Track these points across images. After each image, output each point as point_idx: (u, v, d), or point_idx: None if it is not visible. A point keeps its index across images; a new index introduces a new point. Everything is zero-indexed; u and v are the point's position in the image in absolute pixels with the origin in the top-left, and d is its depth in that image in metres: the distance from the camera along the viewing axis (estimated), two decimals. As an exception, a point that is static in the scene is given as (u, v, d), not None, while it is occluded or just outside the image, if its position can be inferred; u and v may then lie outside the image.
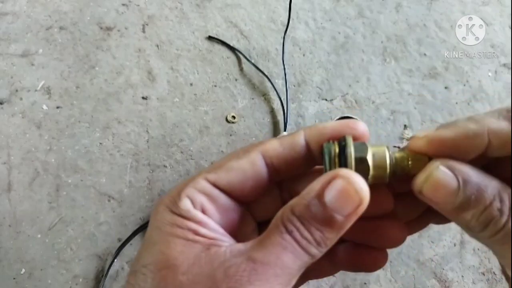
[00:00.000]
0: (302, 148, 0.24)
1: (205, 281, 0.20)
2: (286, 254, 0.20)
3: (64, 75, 0.56)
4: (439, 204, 0.20)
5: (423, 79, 0.58)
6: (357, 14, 0.63)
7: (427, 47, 0.61)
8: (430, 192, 0.20)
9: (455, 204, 0.20)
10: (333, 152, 0.22)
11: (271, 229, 0.21)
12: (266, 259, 0.20)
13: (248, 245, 0.21)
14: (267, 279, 0.19)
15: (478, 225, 0.20)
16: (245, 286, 0.19)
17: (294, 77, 0.57)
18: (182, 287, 0.19)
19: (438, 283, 0.46)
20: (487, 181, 0.20)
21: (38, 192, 0.49)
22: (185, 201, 0.22)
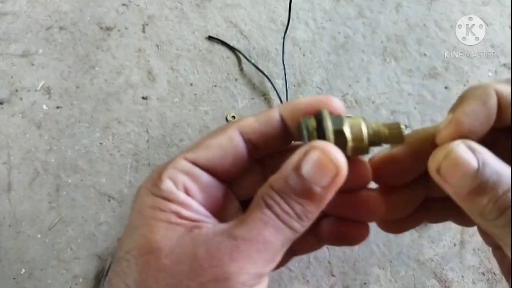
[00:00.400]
0: (278, 123, 0.24)
1: (188, 262, 0.19)
2: (268, 229, 0.20)
3: (64, 75, 0.56)
4: (456, 184, 0.19)
5: (423, 79, 0.58)
6: (357, 14, 0.63)
7: (427, 47, 0.61)
8: (448, 171, 0.19)
9: (472, 187, 0.19)
10: (311, 127, 0.22)
11: (252, 206, 0.21)
12: (247, 235, 0.20)
13: (230, 224, 0.21)
14: (249, 256, 0.19)
15: (494, 210, 0.19)
16: (228, 263, 0.19)
17: (294, 77, 0.57)
18: (166, 270, 0.19)
19: (438, 283, 0.46)
20: (505, 167, 0.19)
21: (38, 192, 0.49)
22: (167, 182, 0.22)
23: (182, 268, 0.19)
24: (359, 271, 0.46)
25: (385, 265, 0.47)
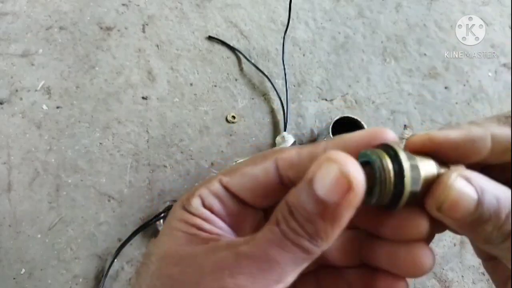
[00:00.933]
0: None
1: (194, 273, 0.20)
2: (273, 248, 0.19)
3: (64, 75, 0.56)
4: (459, 219, 0.19)
5: (423, 79, 0.58)
6: (357, 14, 0.63)
7: (427, 47, 0.61)
8: (450, 209, 0.19)
9: (475, 217, 0.19)
10: (385, 165, 0.19)
11: (267, 223, 0.20)
12: (251, 252, 0.19)
13: (242, 239, 0.20)
14: (250, 273, 0.19)
15: (500, 236, 0.19)
16: (226, 279, 0.19)
17: (294, 77, 0.57)
18: (173, 277, 0.20)
19: (438, 283, 0.46)
20: (503, 189, 0.19)
21: (38, 192, 0.49)
22: (196, 200, 0.22)
23: (188, 277, 0.20)
24: (359, 271, 0.46)
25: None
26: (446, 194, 0.19)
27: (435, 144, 0.20)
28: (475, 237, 0.19)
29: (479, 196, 0.18)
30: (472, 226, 0.19)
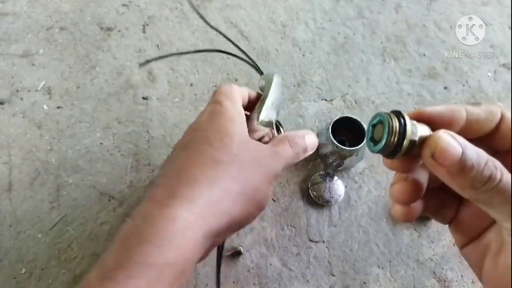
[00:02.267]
0: None
1: (251, 155, 0.34)
2: (288, 152, 0.37)
3: (65, 75, 0.56)
4: (448, 165, 0.24)
5: (422, 79, 0.58)
6: (356, 15, 0.63)
7: (426, 47, 0.61)
8: (441, 155, 0.24)
9: (461, 165, 0.23)
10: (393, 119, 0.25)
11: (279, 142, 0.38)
12: (281, 150, 0.36)
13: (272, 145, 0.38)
14: (283, 161, 0.36)
15: (481, 179, 0.23)
16: (277, 163, 0.35)
17: (294, 77, 0.58)
18: (227, 116, 0.34)
19: (437, 283, 0.46)
20: (478, 148, 0.24)
21: (39, 192, 0.49)
22: (244, 90, 0.39)
23: (248, 148, 0.34)
24: (358, 271, 0.47)
25: (385, 265, 0.47)
26: (437, 142, 0.24)
27: (426, 115, 0.26)
28: (462, 183, 0.24)
29: (462, 148, 0.23)
30: (460, 174, 0.23)
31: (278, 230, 0.48)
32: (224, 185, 0.30)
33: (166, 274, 0.26)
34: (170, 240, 0.27)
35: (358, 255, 0.47)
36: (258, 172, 0.33)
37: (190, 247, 0.28)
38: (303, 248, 0.47)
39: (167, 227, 0.27)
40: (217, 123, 0.34)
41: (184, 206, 0.28)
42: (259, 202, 0.31)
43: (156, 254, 0.26)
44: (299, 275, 0.46)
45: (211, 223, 0.29)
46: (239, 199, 0.30)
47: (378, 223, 0.49)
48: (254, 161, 0.33)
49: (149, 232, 0.27)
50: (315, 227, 0.48)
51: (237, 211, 0.30)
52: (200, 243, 0.29)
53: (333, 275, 0.46)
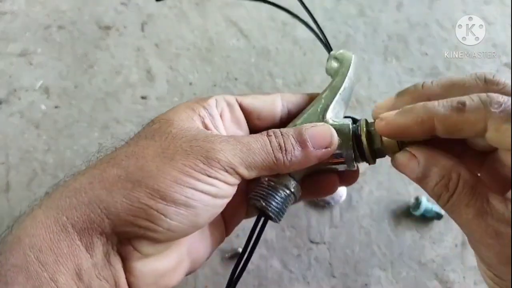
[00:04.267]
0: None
1: (188, 135, 0.26)
2: (256, 143, 0.26)
3: (63, 74, 0.56)
4: (408, 177, 0.26)
5: (424, 78, 0.58)
6: (358, 13, 0.62)
7: (428, 46, 0.60)
8: (401, 169, 0.27)
9: (418, 178, 0.26)
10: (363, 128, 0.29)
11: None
12: (239, 138, 0.26)
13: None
14: (233, 148, 0.26)
15: (434, 195, 0.25)
16: (216, 144, 0.25)
17: (295, 76, 0.57)
18: (170, 133, 0.26)
19: (439, 284, 0.46)
20: (439, 162, 0.25)
21: (36, 192, 0.48)
22: (212, 100, 0.29)
23: (183, 135, 0.26)
24: (360, 272, 0.46)
25: (386, 266, 0.46)
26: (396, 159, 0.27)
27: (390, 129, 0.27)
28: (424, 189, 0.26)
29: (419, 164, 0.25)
30: (419, 182, 0.26)
31: (278, 231, 0.47)
32: (97, 171, 0.25)
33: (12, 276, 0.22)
34: (17, 242, 0.23)
35: (359, 256, 0.47)
36: (166, 155, 0.25)
37: (40, 239, 0.23)
38: (304, 250, 0.47)
39: (17, 230, 0.24)
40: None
41: (41, 203, 0.25)
42: (153, 189, 0.23)
43: (4, 261, 0.23)
44: (300, 277, 0.46)
45: (68, 214, 0.24)
46: (118, 185, 0.24)
47: (379, 224, 0.48)
48: (168, 142, 0.26)
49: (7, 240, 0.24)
50: (316, 228, 0.48)
51: (112, 199, 0.24)
52: (59, 234, 0.23)
53: (334, 277, 0.46)
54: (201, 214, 0.25)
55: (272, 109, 0.31)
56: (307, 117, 0.30)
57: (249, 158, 0.26)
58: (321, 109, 0.30)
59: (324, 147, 0.27)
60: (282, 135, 0.27)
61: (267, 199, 0.28)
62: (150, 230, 0.24)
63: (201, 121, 0.28)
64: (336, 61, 0.33)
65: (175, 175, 0.24)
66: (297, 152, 0.27)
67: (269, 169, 0.27)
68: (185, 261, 0.29)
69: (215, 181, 0.25)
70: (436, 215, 0.47)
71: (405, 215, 0.49)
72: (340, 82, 0.31)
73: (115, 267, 0.24)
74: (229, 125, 0.30)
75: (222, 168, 0.25)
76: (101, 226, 0.23)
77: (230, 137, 0.27)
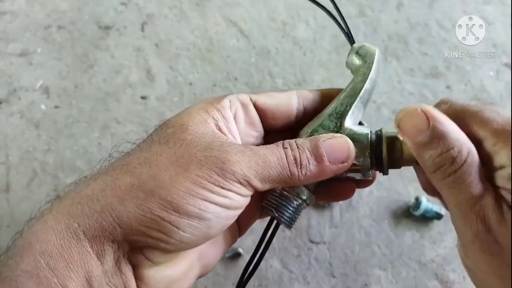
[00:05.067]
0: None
1: (203, 143, 0.25)
2: (272, 156, 0.26)
3: (63, 74, 0.56)
4: (408, 137, 0.25)
5: (424, 78, 0.58)
6: (358, 13, 0.62)
7: (428, 46, 0.60)
8: (404, 125, 0.25)
9: (420, 142, 0.24)
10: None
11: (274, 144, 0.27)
12: (256, 149, 0.26)
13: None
14: (249, 160, 0.25)
15: (432, 165, 0.24)
16: (231, 155, 0.25)
17: (295, 76, 0.57)
18: (184, 139, 0.26)
19: (439, 284, 0.46)
20: (457, 134, 0.24)
21: (36, 193, 0.48)
22: (226, 101, 0.28)
23: (197, 143, 0.25)
24: (360, 273, 0.46)
25: (386, 266, 0.46)
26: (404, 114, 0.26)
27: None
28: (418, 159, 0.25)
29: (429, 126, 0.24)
30: (416, 149, 0.25)
31: (278, 231, 0.47)
32: (109, 178, 0.25)
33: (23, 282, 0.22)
34: (28, 247, 0.23)
35: (359, 256, 0.47)
36: (180, 164, 0.24)
37: (51, 245, 0.23)
38: (304, 250, 0.47)
39: (28, 234, 0.24)
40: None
41: (51, 207, 0.25)
42: (166, 200, 0.23)
43: (14, 266, 0.23)
44: (300, 277, 0.46)
45: (80, 221, 0.23)
46: (131, 194, 0.24)
47: (379, 224, 0.48)
48: (183, 150, 0.25)
49: (18, 246, 0.24)
50: (316, 228, 0.48)
51: (125, 208, 0.23)
52: (70, 241, 0.23)
53: (334, 277, 0.46)
54: (214, 226, 0.25)
55: (288, 107, 0.30)
56: (323, 121, 0.28)
57: (265, 171, 0.25)
58: (339, 114, 0.28)
59: (341, 162, 0.27)
60: (298, 148, 0.26)
61: (280, 209, 0.28)
62: (162, 241, 0.24)
63: (215, 124, 0.27)
64: (358, 57, 0.30)
65: (189, 186, 0.24)
66: (312, 167, 0.26)
67: (283, 182, 0.26)
68: (196, 266, 0.28)
69: (229, 193, 0.25)
70: (436, 215, 0.47)
71: (405, 215, 0.49)
72: (361, 84, 0.29)
73: (126, 275, 0.24)
74: (243, 126, 0.29)
75: (237, 180, 0.24)
76: (112, 234, 0.23)
77: (246, 148, 0.26)
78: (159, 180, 0.24)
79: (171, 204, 0.23)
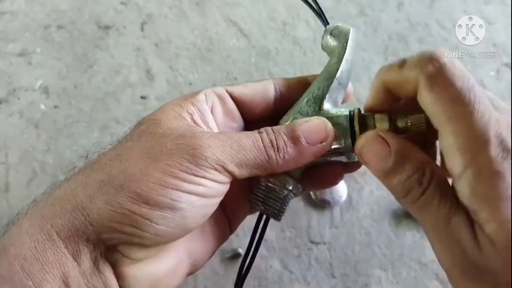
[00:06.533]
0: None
1: (175, 133, 0.25)
2: (247, 139, 0.25)
3: (62, 74, 0.56)
4: (372, 167, 0.25)
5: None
6: (358, 13, 0.62)
7: (429, 46, 0.60)
8: (366, 156, 0.25)
9: (385, 169, 0.24)
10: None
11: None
12: (229, 134, 0.25)
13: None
14: (223, 145, 0.24)
15: (402, 190, 0.23)
16: (204, 140, 0.24)
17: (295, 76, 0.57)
18: (156, 133, 0.25)
19: (440, 285, 0.46)
20: (413, 154, 0.24)
21: (36, 193, 0.48)
22: (201, 95, 0.28)
23: (169, 133, 0.25)
24: (360, 273, 0.46)
25: (387, 267, 0.46)
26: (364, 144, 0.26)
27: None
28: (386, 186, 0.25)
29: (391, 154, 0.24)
30: (383, 177, 0.24)
31: (278, 231, 0.47)
32: (80, 177, 0.25)
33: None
34: (3, 252, 0.22)
35: (359, 256, 0.47)
36: (150, 155, 0.24)
37: (25, 248, 0.22)
38: (304, 250, 0.47)
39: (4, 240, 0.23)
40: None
41: (27, 211, 0.25)
42: (135, 193, 0.22)
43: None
44: (300, 277, 0.45)
45: (53, 222, 0.23)
46: (100, 191, 0.23)
47: (380, 224, 0.48)
48: (154, 142, 0.24)
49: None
50: (316, 228, 0.48)
51: (95, 205, 0.23)
52: (45, 243, 0.23)
53: (335, 277, 0.46)
54: (190, 216, 0.24)
55: (264, 96, 0.30)
56: (302, 108, 0.28)
57: (240, 155, 0.24)
58: (316, 98, 0.28)
59: (319, 142, 0.26)
60: (274, 132, 0.26)
61: (266, 202, 0.28)
62: (136, 236, 0.23)
63: (190, 118, 0.27)
64: (332, 38, 0.30)
65: (159, 177, 0.23)
66: (290, 149, 0.26)
67: (262, 168, 0.25)
68: (185, 262, 0.28)
69: (203, 180, 0.24)
70: (437, 215, 0.47)
71: (405, 216, 0.48)
72: (336, 65, 0.28)
73: (104, 274, 0.23)
74: (222, 119, 0.29)
75: (210, 166, 0.24)
76: (86, 233, 0.23)
77: (219, 133, 0.26)
78: (129, 174, 0.23)
79: (141, 197, 0.23)
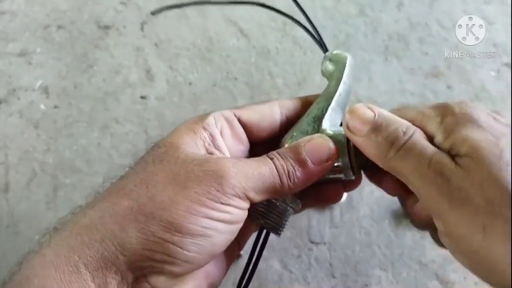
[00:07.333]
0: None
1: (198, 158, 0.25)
2: (264, 167, 0.26)
3: (62, 74, 0.56)
4: (359, 131, 0.26)
5: (425, 78, 0.58)
6: (358, 13, 0.62)
7: (429, 46, 0.60)
8: (352, 123, 0.27)
9: (367, 130, 0.26)
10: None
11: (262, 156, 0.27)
12: (249, 161, 0.26)
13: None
14: (245, 173, 0.25)
15: (386, 143, 0.25)
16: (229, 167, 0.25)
17: (295, 76, 0.57)
18: (178, 158, 0.26)
19: (440, 285, 0.46)
20: (395, 117, 0.26)
21: (35, 193, 0.48)
22: (210, 118, 0.29)
23: (193, 158, 0.25)
24: (360, 273, 0.46)
25: (387, 267, 0.46)
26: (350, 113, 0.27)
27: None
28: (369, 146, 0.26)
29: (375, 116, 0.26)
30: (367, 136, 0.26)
31: (278, 231, 0.47)
32: (106, 204, 0.24)
33: None
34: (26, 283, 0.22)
35: (359, 256, 0.47)
36: (178, 182, 0.24)
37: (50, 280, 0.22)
38: (304, 250, 0.47)
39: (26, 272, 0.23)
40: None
41: (50, 240, 0.24)
42: (167, 221, 0.23)
43: None
44: (300, 278, 0.45)
45: (80, 253, 0.23)
46: (131, 218, 0.23)
47: (380, 224, 0.48)
48: (178, 167, 0.25)
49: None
50: (316, 228, 0.48)
51: (126, 234, 0.23)
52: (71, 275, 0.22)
53: (335, 277, 0.46)
54: (218, 243, 0.25)
55: (271, 120, 0.31)
56: (302, 128, 0.29)
57: (259, 183, 0.25)
58: (316, 118, 0.29)
59: (325, 161, 0.27)
60: (282, 157, 0.27)
61: (266, 216, 0.28)
62: (168, 264, 0.23)
63: (203, 144, 0.27)
64: (331, 63, 0.32)
65: (189, 205, 0.23)
66: (298, 173, 0.26)
67: (274, 193, 0.26)
68: (204, 286, 0.28)
69: (228, 208, 0.24)
70: (437, 215, 0.47)
71: (405, 216, 0.48)
72: (334, 87, 0.30)
73: None
74: (231, 142, 0.29)
75: (236, 194, 0.24)
76: (115, 264, 0.23)
77: (239, 160, 0.26)
78: (158, 201, 0.24)
79: (173, 225, 0.23)
